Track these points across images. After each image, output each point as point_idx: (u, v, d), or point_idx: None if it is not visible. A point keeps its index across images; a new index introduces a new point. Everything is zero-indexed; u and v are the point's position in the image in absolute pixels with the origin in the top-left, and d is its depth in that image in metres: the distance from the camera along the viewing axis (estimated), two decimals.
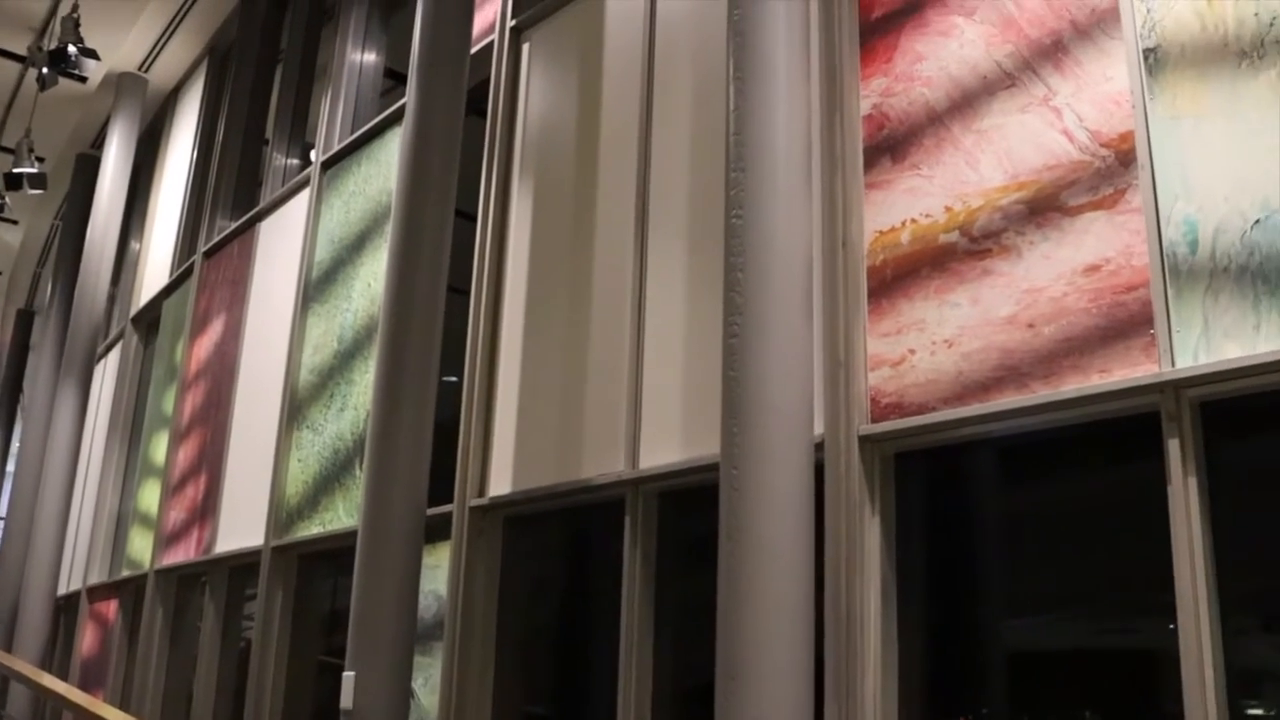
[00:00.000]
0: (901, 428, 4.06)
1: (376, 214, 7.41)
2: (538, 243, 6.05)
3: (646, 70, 5.61)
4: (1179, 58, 3.58)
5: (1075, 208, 3.73)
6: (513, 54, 6.62)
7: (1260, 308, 3.27)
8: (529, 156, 6.31)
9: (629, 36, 5.79)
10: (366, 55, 8.78)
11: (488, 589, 5.78)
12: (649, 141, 5.48)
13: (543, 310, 5.88)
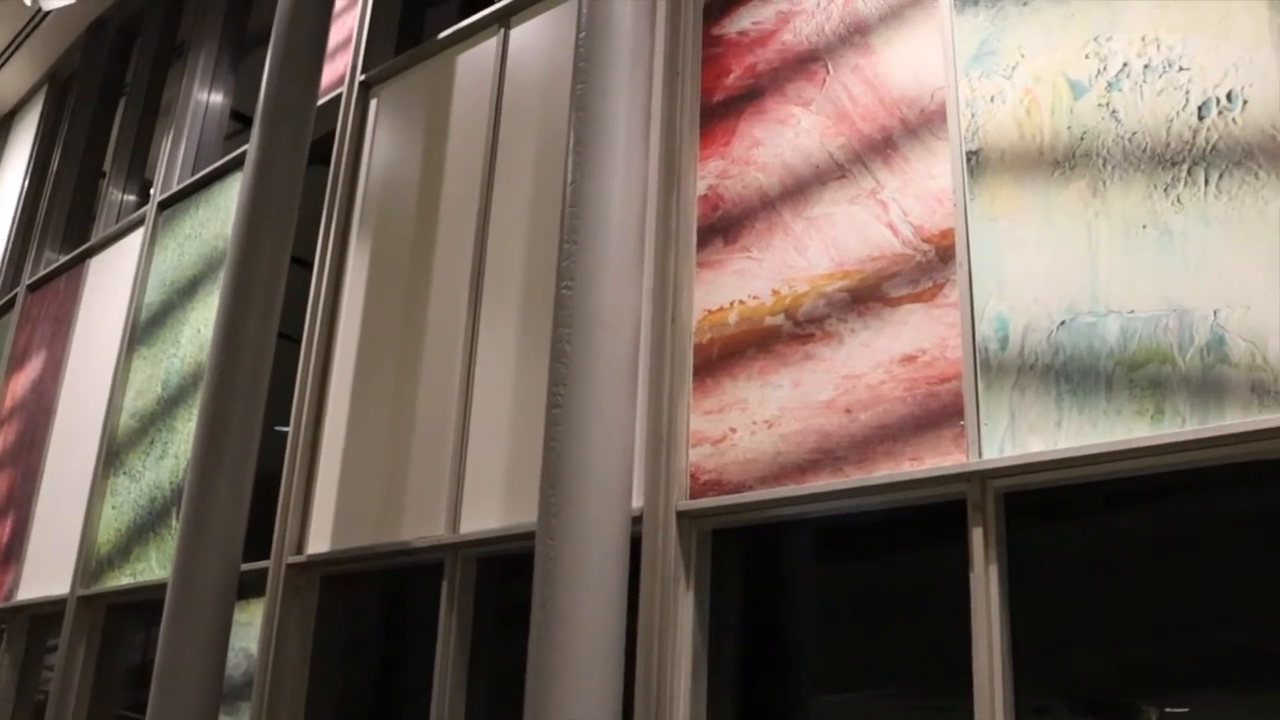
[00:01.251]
0: (719, 505, 4.11)
1: (211, 259, 7.26)
2: (372, 298, 5.99)
3: (492, 135, 5.63)
4: (999, 162, 3.74)
5: (896, 299, 3.85)
6: (360, 108, 6.58)
7: (1063, 405, 3.41)
8: (370, 211, 6.27)
9: (477, 100, 5.82)
10: (213, 96, 8.65)
11: (300, 649, 5.62)
12: (489, 206, 5.49)
13: (373, 366, 5.81)
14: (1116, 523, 3.60)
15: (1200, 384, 3.23)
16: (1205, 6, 3.52)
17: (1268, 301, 3.17)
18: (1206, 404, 3.21)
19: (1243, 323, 3.20)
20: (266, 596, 5.67)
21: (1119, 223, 3.47)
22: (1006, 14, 3.89)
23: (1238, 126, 3.36)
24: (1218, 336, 3.22)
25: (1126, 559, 3.49)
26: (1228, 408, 3.18)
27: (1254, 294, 3.20)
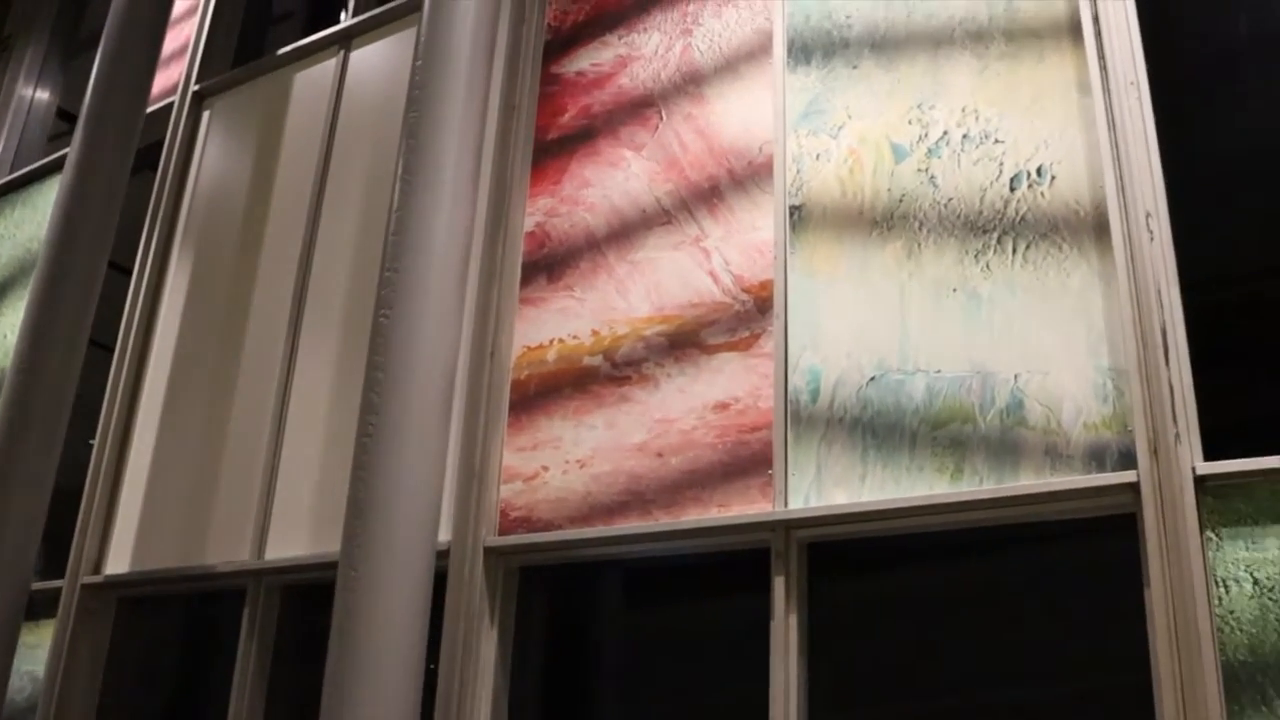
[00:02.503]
0: (527, 543, 4.06)
1: (24, 263, 6.94)
2: (191, 311, 5.79)
3: (324, 156, 5.53)
4: (820, 218, 3.82)
5: (713, 346, 3.88)
6: (192, 118, 6.40)
7: (868, 459, 3.47)
8: (195, 223, 6.08)
9: (312, 120, 5.72)
10: (39, 93, 8.31)
11: (90, 674, 5.35)
12: (316, 227, 5.38)
13: (187, 382, 5.61)
14: (917, 576, 3.66)
15: (999, 445, 3.32)
16: (1022, 84, 3.67)
17: (1064, 369, 3.29)
18: (1003, 464, 3.30)
19: (1041, 388, 3.31)
20: (58, 618, 5.39)
21: (931, 285, 3.57)
22: (837, 75, 3.99)
23: (1046, 200, 3.50)
24: (1017, 400, 3.33)
25: (925, 612, 3.55)
26: (1023, 469, 3.28)
27: (1052, 361, 3.32)
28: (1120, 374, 3.26)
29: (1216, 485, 3.09)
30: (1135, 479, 3.13)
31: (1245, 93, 3.63)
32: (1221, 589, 3.00)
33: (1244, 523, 3.06)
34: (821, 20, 4.12)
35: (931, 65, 3.86)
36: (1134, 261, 3.30)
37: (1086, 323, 3.34)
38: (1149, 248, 3.31)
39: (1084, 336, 3.33)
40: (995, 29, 3.82)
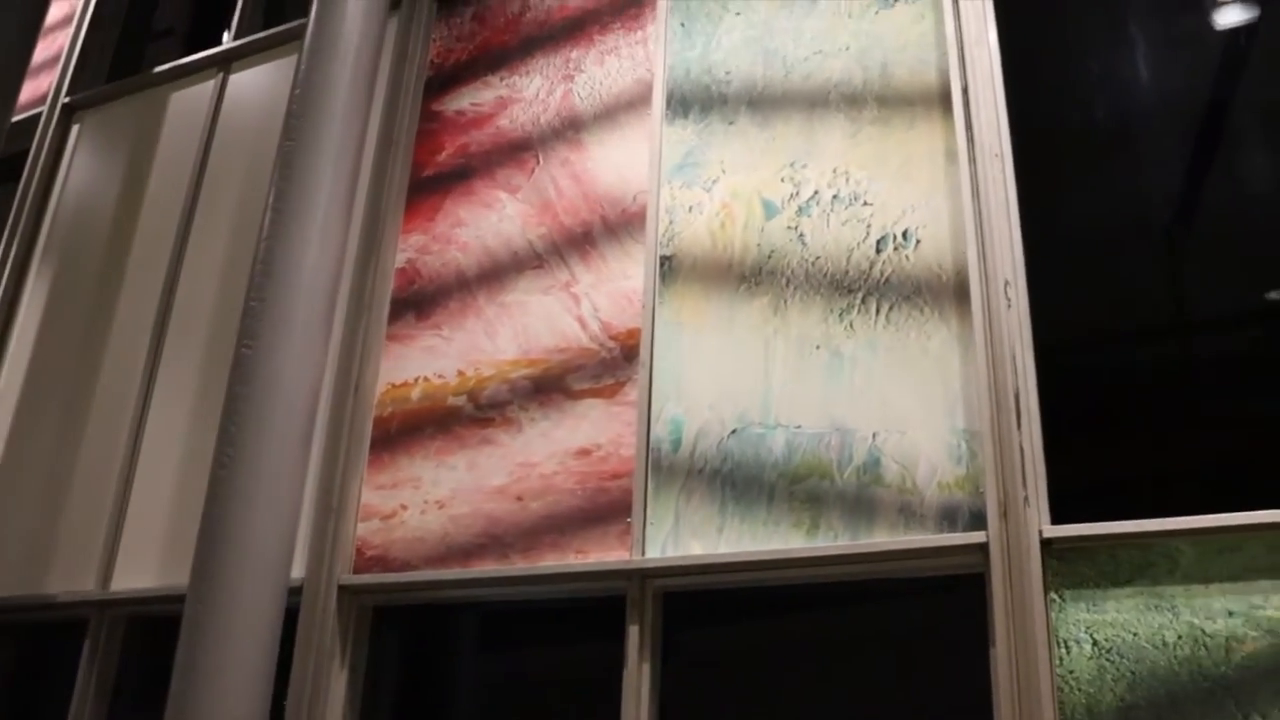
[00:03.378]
0: (382, 582, 3.99)
1: None
2: (48, 330, 5.61)
3: (196, 179, 5.42)
4: (690, 270, 3.85)
5: (578, 391, 3.87)
6: (60, 130, 6.23)
7: (726, 511, 3.49)
8: (58, 238, 5.90)
9: (186, 141, 5.60)
10: None
11: None
12: (183, 250, 5.26)
13: (39, 403, 5.41)
14: (772, 628, 3.67)
15: (855, 502, 3.37)
16: (892, 149, 3.75)
17: (921, 429, 3.35)
18: (858, 521, 3.34)
19: (898, 447, 3.37)
20: None
21: (795, 341, 3.61)
22: (713, 130, 4.04)
23: (910, 263, 3.57)
24: (874, 458, 3.38)
25: (779, 663, 3.56)
26: (877, 526, 3.32)
27: (910, 421, 3.38)
28: (974, 436, 3.33)
29: (1062, 548, 3.16)
30: (985, 540, 3.19)
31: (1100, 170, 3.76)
32: (1063, 649, 3.07)
33: (1086, 585, 3.13)
34: (701, 75, 4.17)
35: (806, 125, 3.93)
36: (991, 327, 3.38)
37: (944, 385, 3.41)
38: (1006, 314, 3.39)
39: (941, 398, 3.40)
40: (869, 94, 3.90)
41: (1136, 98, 3.84)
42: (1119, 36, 3.96)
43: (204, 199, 5.37)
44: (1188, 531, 3.11)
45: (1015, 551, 3.16)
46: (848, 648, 3.51)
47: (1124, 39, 3.95)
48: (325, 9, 4.32)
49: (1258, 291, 3.55)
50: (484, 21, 4.84)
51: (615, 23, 4.49)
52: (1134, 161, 3.75)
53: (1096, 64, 3.93)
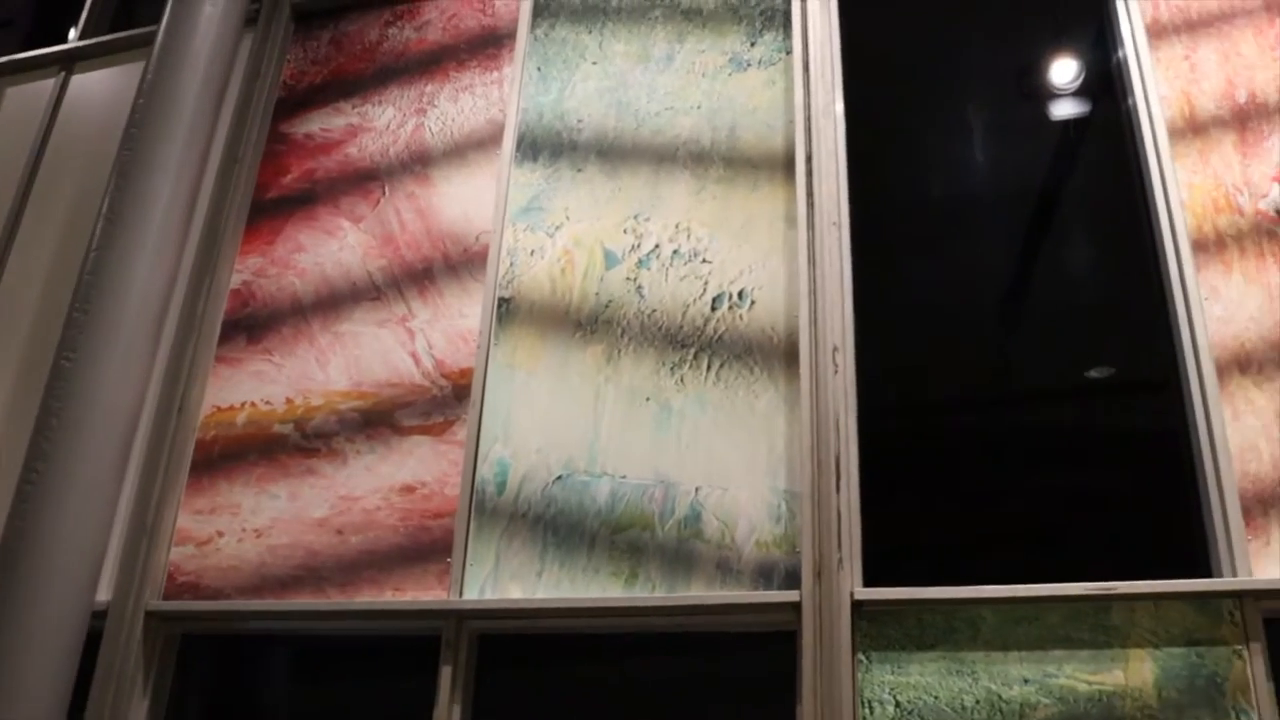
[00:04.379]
0: (192, 610, 3.88)
1: None
2: None
3: (27, 179, 5.23)
4: (527, 314, 3.86)
5: (406, 428, 3.84)
6: None
7: (546, 557, 3.49)
8: None
9: (20, 139, 5.40)
10: None
11: None
12: (8, 253, 5.06)
13: None
14: (588, 675, 3.67)
15: (674, 554, 3.40)
16: (734, 209, 3.83)
17: (743, 487, 3.41)
18: (676, 574, 3.38)
19: (719, 503, 3.42)
20: None
21: (626, 391, 3.64)
22: (561, 176, 4.06)
23: (743, 323, 3.64)
24: (696, 512, 3.42)
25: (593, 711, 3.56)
26: (695, 580, 3.36)
27: (732, 478, 3.43)
28: (794, 497, 3.40)
29: (872, 610, 3.24)
30: (798, 599, 3.26)
31: (933, 246, 3.89)
32: (867, 709, 3.14)
33: (892, 648, 3.21)
34: (554, 120, 4.20)
35: (653, 179, 3.98)
36: (818, 391, 3.47)
37: (768, 444, 3.47)
38: (833, 379, 3.48)
39: (765, 457, 3.46)
40: (716, 154, 3.98)
41: (972, 179, 3.99)
42: (960, 120, 4.12)
43: (34, 200, 5.18)
44: (991, 600, 3.22)
45: (827, 612, 3.23)
46: (663, 698, 3.53)
47: (964, 122, 4.11)
48: (178, 17, 4.24)
49: (1078, 369, 3.71)
50: (341, 47, 4.80)
51: (472, 61, 4.50)
52: (966, 240, 3.89)
53: (937, 144, 4.07)
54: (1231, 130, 3.86)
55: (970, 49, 4.30)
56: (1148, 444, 3.58)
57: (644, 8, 4.38)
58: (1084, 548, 3.46)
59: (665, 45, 4.27)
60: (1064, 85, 4.19)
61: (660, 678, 3.58)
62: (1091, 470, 3.56)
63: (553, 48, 4.39)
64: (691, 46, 4.25)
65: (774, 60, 4.13)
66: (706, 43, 4.24)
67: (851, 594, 3.26)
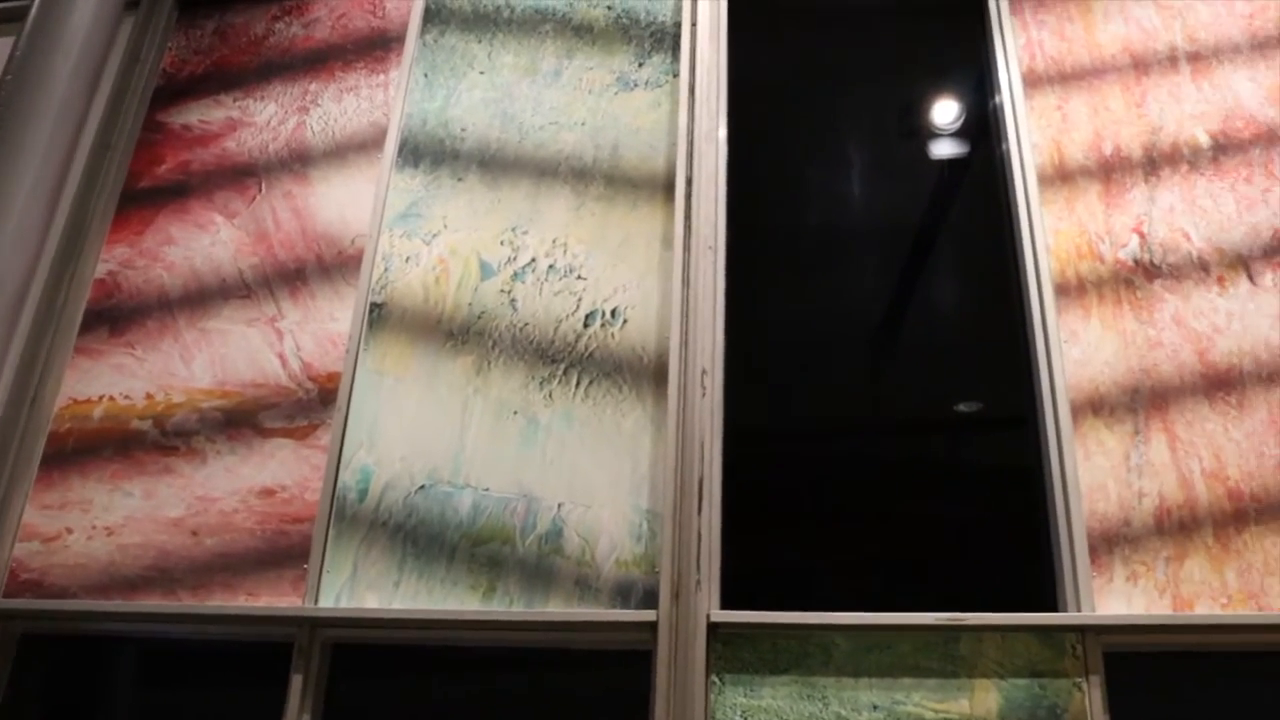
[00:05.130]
0: (33, 608, 3.76)
1: None
2: None
3: None
4: (399, 321, 3.82)
5: (269, 430, 3.78)
6: None
7: (405, 567, 3.46)
8: None
9: None
10: None
11: None
12: None
13: None
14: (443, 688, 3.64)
15: (534, 570, 3.39)
16: (612, 228, 3.84)
17: (606, 505, 3.42)
18: (535, 589, 3.37)
19: (581, 520, 3.42)
20: None
21: (494, 404, 3.63)
22: (441, 184, 4.04)
23: (615, 341, 3.65)
24: (557, 528, 3.42)
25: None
26: (553, 596, 3.35)
27: (596, 495, 3.44)
28: (656, 517, 3.41)
29: (727, 633, 3.27)
30: (655, 619, 3.27)
31: (807, 275, 3.95)
32: None
33: (746, 671, 3.24)
34: (437, 128, 4.18)
35: (533, 192, 3.98)
36: (685, 413, 3.49)
37: (633, 464, 3.49)
38: (700, 402, 3.51)
39: (629, 477, 3.47)
40: (597, 171, 3.99)
41: (850, 212, 4.06)
42: (841, 153, 4.19)
43: None
44: (844, 627, 3.27)
45: (683, 632, 3.25)
46: (518, 713, 3.51)
47: (845, 156, 4.18)
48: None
49: (948, 403, 3.79)
50: (225, 38, 4.71)
51: (359, 62, 4.45)
52: (841, 272, 3.96)
53: (817, 175, 4.14)
54: (1097, 181, 3.99)
55: (855, 85, 4.38)
56: (1006, 479, 3.67)
57: (535, 21, 4.38)
58: (940, 578, 3.53)
59: (554, 60, 4.28)
60: (944, 126, 4.29)
61: (516, 693, 3.57)
62: (952, 502, 3.64)
63: (441, 55, 4.37)
64: (580, 63, 4.26)
65: (661, 82, 4.16)
66: (595, 60, 4.26)
67: (708, 616, 3.28)
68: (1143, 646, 3.36)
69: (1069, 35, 4.32)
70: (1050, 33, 4.33)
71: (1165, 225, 3.94)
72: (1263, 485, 3.54)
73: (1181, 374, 3.69)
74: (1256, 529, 3.48)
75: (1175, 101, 4.19)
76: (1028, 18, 4.35)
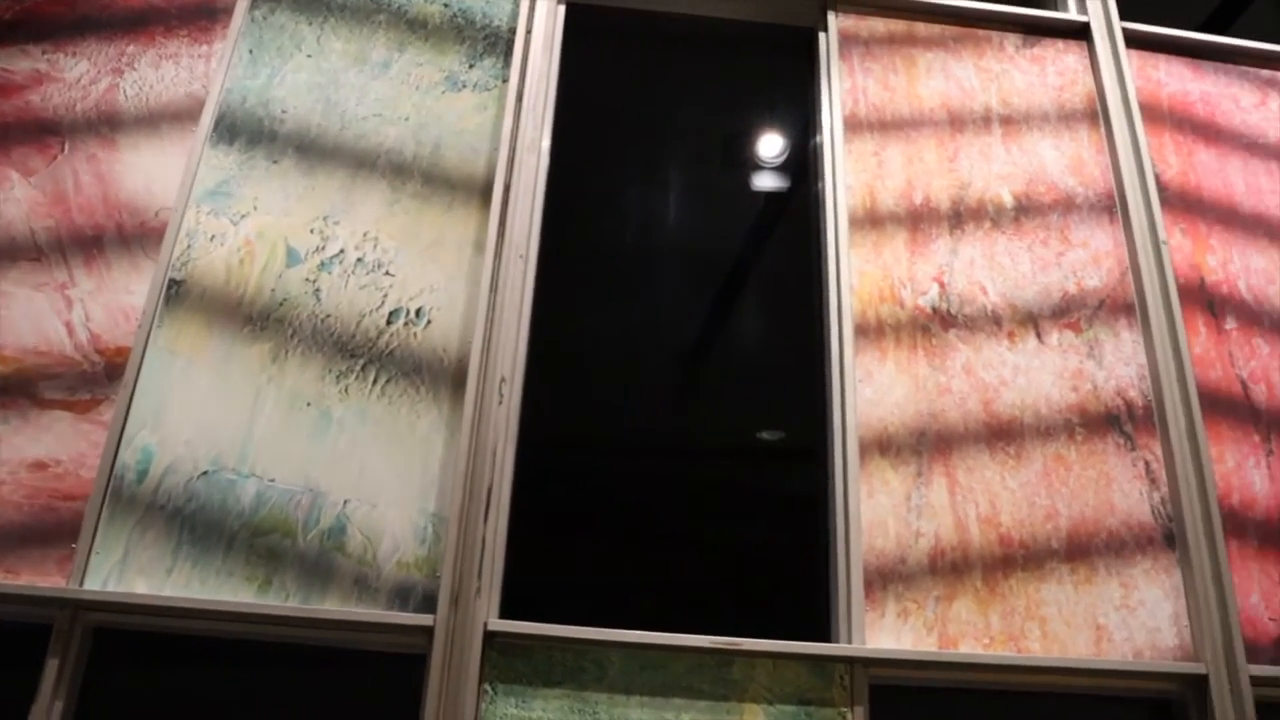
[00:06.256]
0: None
1: None
2: None
3: None
4: (198, 300, 3.71)
5: (48, 400, 3.62)
6: None
7: (180, 554, 3.35)
8: None
9: None
10: None
11: None
12: None
13: None
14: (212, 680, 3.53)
15: (313, 566, 3.33)
16: (425, 227, 3.81)
17: (393, 505, 3.38)
18: (313, 586, 3.31)
19: (366, 518, 3.37)
20: None
21: (288, 394, 3.55)
22: (255, 164, 3.94)
23: (417, 341, 3.62)
24: (341, 525, 3.36)
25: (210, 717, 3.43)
26: (331, 594, 3.30)
27: (383, 494, 3.40)
28: (442, 521, 3.39)
29: (504, 643, 3.27)
30: (432, 624, 3.25)
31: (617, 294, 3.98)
32: None
33: (519, 682, 3.24)
34: (257, 106, 4.07)
35: (349, 183, 3.91)
36: (480, 419, 3.48)
37: (424, 466, 3.46)
38: (496, 409, 3.50)
39: (418, 478, 3.44)
40: (417, 168, 3.95)
41: (668, 236, 4.11)
42: (663, 176, 4.24)
43: None
44: (620, 644, 3.30)
45: (459, 639, 3.24)
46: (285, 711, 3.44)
47: (667, 180, 4.23)
48: None
49: (752, 430, 3.85)
50: None
51: (182, 29, 4.31)
52: (654, 293, 4.00)
53: (638, 196, 4.17)
54: (905, 228, 4.12)
55: (684, 110, 4.43)
56: (798, 509, 3.76)
57: (369, 10, 4.32)
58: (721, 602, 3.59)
59: (384, 51, 4.22)
60: (767, 159, 4.38)
61: (285, 690, 3.49)
62: (745, 528, 3.71)
63: (269, 32, 4.27)
64: (410, 58, 4.21)
65: (489, 86, 4.15)
66: (426, 57, 4.22)
67: (485, 624, 3.27)
68: (908, 681, 3.48)
69: (892, 85, 4.46)
70: (875, 80, 4.46)
71: (965, 277, 4.09)
72: (1031, 534, 3.70)
73: (966, 421, 3.84)
74: (1022, 574, 3.64)
75: (985, 160, 4.36)
76: (855, 63, 4.48)
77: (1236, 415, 4.08)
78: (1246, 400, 4.11)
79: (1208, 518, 3.79)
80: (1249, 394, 4.13)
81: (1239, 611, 3.71)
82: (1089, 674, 3.54)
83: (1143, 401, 4.01)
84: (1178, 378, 4.02)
